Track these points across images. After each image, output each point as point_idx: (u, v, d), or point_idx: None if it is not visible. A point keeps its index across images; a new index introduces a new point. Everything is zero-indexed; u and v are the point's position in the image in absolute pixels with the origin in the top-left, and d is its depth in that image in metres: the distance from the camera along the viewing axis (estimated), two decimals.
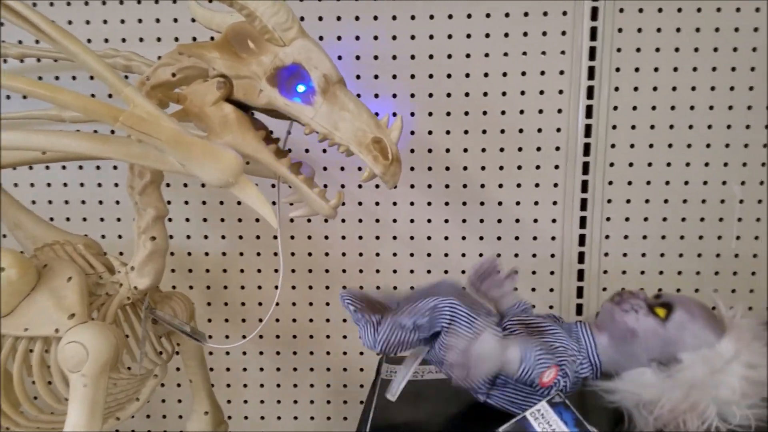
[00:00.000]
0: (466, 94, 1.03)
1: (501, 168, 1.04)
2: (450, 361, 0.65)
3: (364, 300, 0.73)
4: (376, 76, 1.03)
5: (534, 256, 1.07)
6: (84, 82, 1.05)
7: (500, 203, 1.05)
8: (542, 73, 1.01)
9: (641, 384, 0.65)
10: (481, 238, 1.07)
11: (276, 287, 1.11)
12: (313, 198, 0.67)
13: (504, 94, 1.02)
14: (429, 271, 1.09)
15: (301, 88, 0.65)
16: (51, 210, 1.09)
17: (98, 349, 0.66)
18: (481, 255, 1.08)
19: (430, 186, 1.06)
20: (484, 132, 1.03)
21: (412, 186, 1.06)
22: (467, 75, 1.02)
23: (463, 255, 1.08)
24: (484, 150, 1.04)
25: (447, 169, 1.05)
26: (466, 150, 1.04)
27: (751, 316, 0.68)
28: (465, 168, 1.05)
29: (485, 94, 1.02)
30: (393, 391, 0.72)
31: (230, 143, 0.65)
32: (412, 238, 1.08)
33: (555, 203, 1.05)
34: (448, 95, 1.03)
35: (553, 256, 1.07)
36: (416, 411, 0.75)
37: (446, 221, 1.07)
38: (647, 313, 0.67)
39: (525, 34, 1.01)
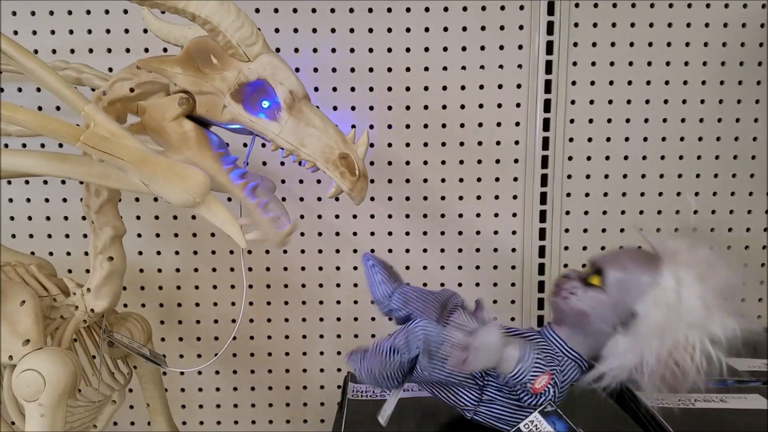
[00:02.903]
0: (425, 107, 1.03)
1: (461, 180, 1.04)
2: (454, 340, 0.64)
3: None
4: (334, 89, 1.02)
5: (495, 267, 1.07)
6: (30, 94, 1.01)
7: (461, 215, 1.06)
8: (500, 86, 1.02)
9: (619, 354, 0.63)
10: (443, 250, 1.07)
11: (233, 304, 1.09)
12: (264, 225, 0.65)
13: (463, 107, 1.03)
14: None
15: (266, 104, 0.64)
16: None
17: (56, 377, 0.63)
18: (442, 267, 1.08)
19: (390, 198, 1.05)
20: (443, 144, 1.03)
21: (372, 199, 1.05)
22: (426, 88, 1.02)
23: (425, 267, 1.08)
24: (443, 162, 1.04)
25: (407, 181, 1.05)
26: (426, 162, 1.04)
27: (678, 236, 0.68)
28: (425, 180, 1.05)
29: (444, 107, 1.03)
30: (385, 415, 0.70)
31: (187, 160, 0.63)
32: (372, 251, 1.07)
33: (515, 215, 1.06)
34: (407, 108, 1.03)
35: (513, 267, 1.08)
36: (395, 430, 0.74)
37: (407, 234, 1.07)
38: (584, 288, 0.66)
39: (482, 47, 1.01)
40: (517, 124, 1.03)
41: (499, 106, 1.03)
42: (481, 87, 1.02)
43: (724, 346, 0.61)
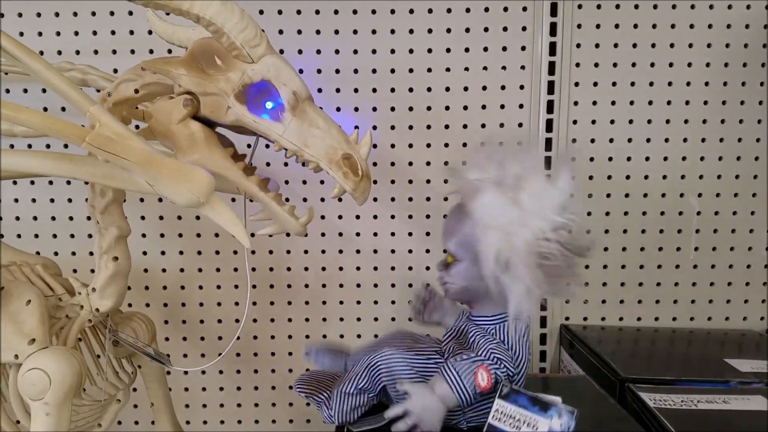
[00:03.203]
0: (428, 108, 1.03)
1: None
2: (401, 431, 0.64)
3: (314, 378, 0.75)
4: (338, 90, 1.03)
5: None
6: (36, 95, 1.02)
7: None
8: (503, 87, 1.02)
9: (514, 291, 0.64)
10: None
11: (236, 304, 1.09)
12: (282, 215, 0.66)
13: (465, 108, 1.03)
14: (393, 285, 1.08)
15: (269, 105, 0.64)
16: (1, 227, 1.05)
17: (61, 376, 0.63)
18: None
19: (393, 199, 1.06)
20: (446, 145, 1.04)
21: (375, 199, 1.05)
22: (429, 89, 1.03)
23: (427, 268, 1.08)
24: (446, 163, 1.04)
25: (410, 182, 1.05)
26: (428, 163, 1.04)
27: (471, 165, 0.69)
28: (428, 181, 1.05)
29: (447, 108, 1.03)
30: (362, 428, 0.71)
31: (198, 161, 0.63)
32: (375, 251, 1.07)
33: None
34: (410, 109, 1.03)
35: None
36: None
37: (410, 234, 1.07)
38: (447, 271, 0.69)
39: (485, 49, 1.02)
40: (520, 125, 1.03)
41: (502, 107, 1.03)
42: (484, 88, 1.02)
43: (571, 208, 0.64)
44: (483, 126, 1.03)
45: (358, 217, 1.06)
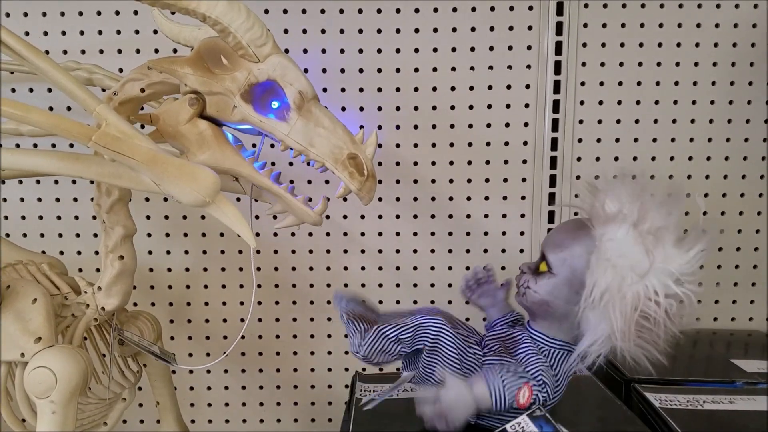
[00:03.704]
0: (434, 108, 1.03)
1: (469, 181, 1.05)
2: (426, 415, 0.64)
3: (356, 308, 0.73)
4: (342, 89, 1.02)
5: (503, 268, 1.07)
6: (42, 94, 1.02)
7: (469, 216, 1.06)
8: (508, 87, 1.02)
9: (591, 328, 0.62)
10: (450, 251, 1.07)
11: (242, 303, 1.10)
12: (298, 207, 0.66)
13: (471, 107, 1.03)
14: (398, 285, 1.08)
15: (275, 105, 0.64)
16: (7, 226, 1.05)
17: (67, 375, 0.63)
18: (450, 268, 1.08)
19: (398, 199, 1.06)
20: (452, 145, 1.04)
21: (380, 199, 1.05)
22: (434, 88, 1.02)
23: (432, 268, 1.08)
24: (452, 163, 1.04)
25: (415, 182, 1.05)
26: (434, 163, 1.04)
27: (604, 188, 0.66)
28: (433, 181, 1.05)
29: (452, 107, 1.03)
30: (370, 404, 0.71)
31: (209, 159, 0.63)
32: (380, 251, 1.07)
33: (523, 216, 1.06)
34: (416, 108, 1.03)
35: None
36: (401, 430, 0.73)
37: (415, 234, 1.07)
38: (535, 278, 0.67)
39: (491, 48, 1.01)
40: (526, 124, 1.03)
41: (508, 106, 1.03)
42: (490, 87, 1.02)
43: (690, 281, 0.61)
44: (488, 126, 1.03)
45: (363, 216, 1.06)
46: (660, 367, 0.63)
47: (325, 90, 1.02)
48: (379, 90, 1.02)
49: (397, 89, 1.02)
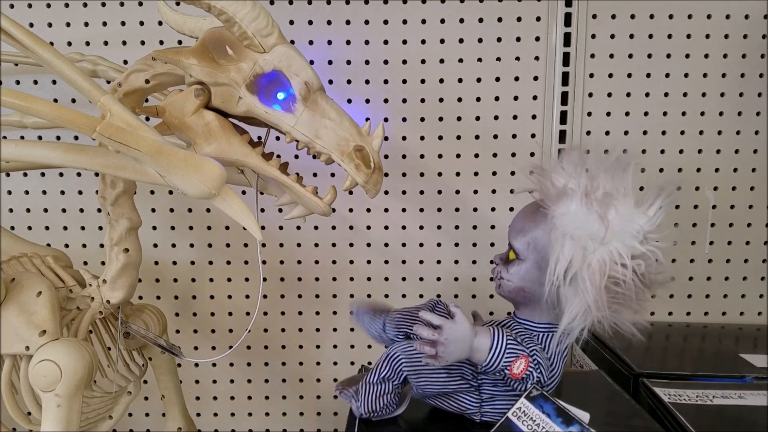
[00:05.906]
0: (441, 100, 1.02)
1: (476, 174, 1.04)
2: (422, 336, 0.63)
3: (348, 379, 0.76)
4: (349, 81, 1.02)
5: None
6: (46, 86, 1.01)
7: (475, 209, 1.05)
8: (516, 78, 1.01)
9: (570, 306, 0.63)
10: (457, 244, 1.06)
11: (247, 296, 1.09)
12: (307, 197, 0.65)
13: (478, 99, 1.02)
14: (404, 279, 1.08)
15: (281, 96, 0.63)
16: (12, 219, 1.05)
17: (72, 368, 0.63)
18: (456, 262, 1.07)
19: (404, 192, 1.05)
20: (458, 137, 1.03)
21: (387, 192, 1.04)
22: (441, 80, 1.02)
23: (438, 262, 1.07)
24: (458, 156, 1.03)
25: (422, 174, 1.04)
26: (440, 156, 1.03)
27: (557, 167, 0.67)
28: (440, 174, 1.04)
29: (459, 99, 1.02)
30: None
31: (216, 150, 0.63)
32: (386, 245, 1.07)
33: None
34: (422, 100, 1.02)
35: None
36: (407, 429, 0.73)
37: (421, 228, 1.06)
38: (507, 267, 0.68)
39: (499, 39, 1.00)
40: (534, 116, 1.02)
41: (516, 98, 1.02)
42: (497, 79, 1.01)
43: (655, 239, 0.62)
44: (496, 118, 1.02)
45: (369, 210, 1.06)
46: (646, 332, 0.63)
47: (331, 82, 1.01)
48: (386, 82, 1.02)
49: (404, 81, 1.02)
